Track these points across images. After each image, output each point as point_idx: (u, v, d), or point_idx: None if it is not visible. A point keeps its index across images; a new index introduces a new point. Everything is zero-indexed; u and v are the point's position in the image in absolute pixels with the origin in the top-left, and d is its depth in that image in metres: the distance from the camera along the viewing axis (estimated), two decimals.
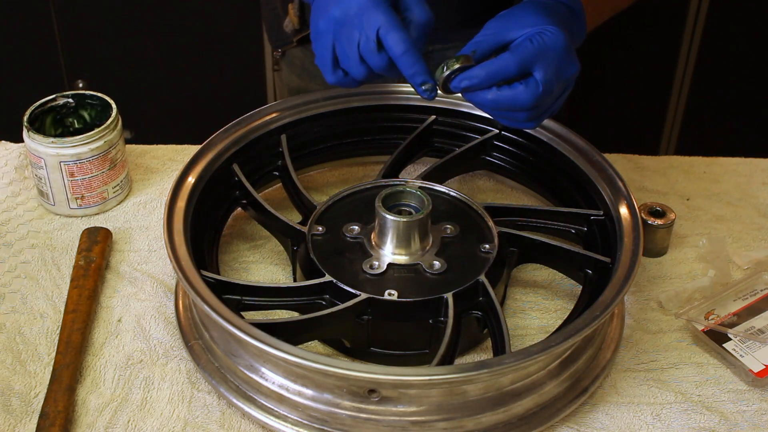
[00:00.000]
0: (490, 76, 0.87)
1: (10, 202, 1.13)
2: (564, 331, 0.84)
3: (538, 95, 0.87)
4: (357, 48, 0.90)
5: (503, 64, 0.86)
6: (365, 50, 0.89)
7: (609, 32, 1.17)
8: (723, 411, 0.89)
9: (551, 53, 0.87)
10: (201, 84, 2.23)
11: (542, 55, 0.87)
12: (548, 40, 0.87)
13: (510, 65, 0.86)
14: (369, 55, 0.89)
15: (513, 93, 0.87)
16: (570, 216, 1.03)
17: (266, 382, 0.85)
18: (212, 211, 1.03)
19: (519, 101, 0.87)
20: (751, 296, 1.00)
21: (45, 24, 2.13)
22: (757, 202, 1.17)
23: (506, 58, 0.87)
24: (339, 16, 0.90)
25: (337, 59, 0.93)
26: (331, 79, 0.94)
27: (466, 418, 0.83)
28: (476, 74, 0.87)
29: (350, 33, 0.90)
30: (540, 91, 0.87)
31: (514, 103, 0.88)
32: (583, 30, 0.98)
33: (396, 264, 0.94)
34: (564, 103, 0.93)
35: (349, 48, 0.90)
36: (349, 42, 0.90)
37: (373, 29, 0.88)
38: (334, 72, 0.94)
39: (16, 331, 0.95)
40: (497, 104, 0.88)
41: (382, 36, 0.88)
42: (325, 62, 0.93)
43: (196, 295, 0.85)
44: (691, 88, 2.22)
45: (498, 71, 0.87)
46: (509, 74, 0.87)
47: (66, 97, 1.13)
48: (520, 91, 0.87)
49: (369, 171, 1.19)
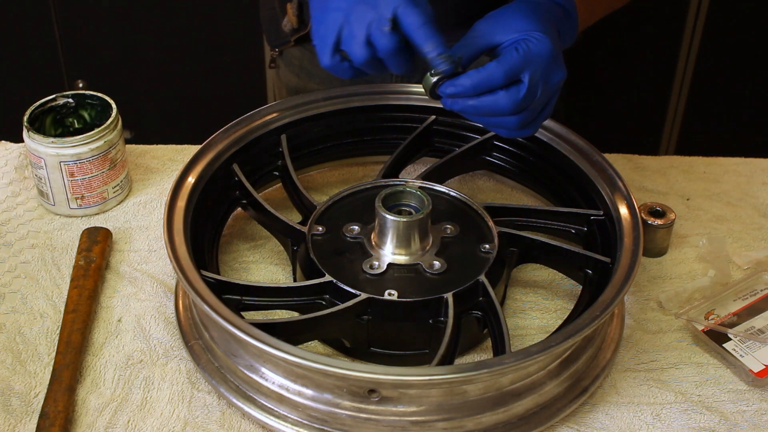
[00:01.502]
0: (476, 86, 0.87)
1: (10, 202, 1.13)
2: (564, 331, 0.84)
3: (518, 100, 0.87)
4: (366, 29, 0.88)
5: (490, 74, 0.87)
6: (376, 30, 0.87)
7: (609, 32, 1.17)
8: (723, 411, 0.89)
9: (537, 60, 0.87)
10: (201, 84, 2.23)
11: (528, 62, 0.87)
12: (534, 47, 0.87)
13: (497, 75, 0.86)
14: (378, 35, 0.87)
15: (494, 98, 0.87)
16: (570, 216, 1.03)
17: (266, 382, 0.85)
18: (212, 211, 1.03)
19: (499, 106, 0.88)
20: (751, 296, 1.00)
21: (45, 24, 2.13)
22: (757, 202, 1.17)
23: (493, 68, 0.87)
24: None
25: (339, 41, 0.91)
26: (328, 61, 0.92)
27: (466, 418, 0.83)
28: (462, 83, 0.87)
29: (364, 12, 0.88)
30: (520, 96, 0.87)
31: (495, 108, 0.88)
32: (575, 30, 0.98)
33: (396, 264, 0.94)
34: (564, 103, 0.93)
35: (358, 28, 0.88)
36: (360, 21, 0.88)
37: (389, 8, 0.86)
38: (332, 54, 0.91)
39: (16, 331, 0.95)
40: (478, 110, 0.88)
41: (400, 12, 0.86)
42: (325, 42, 0.91)
43: (196, 295, 0.85)
44: (691, 88, 2.22)
45: (484, 81, 0.87)
46: (496, 84, 0.87)
47: (66, 97, 1.13)
48: (500, 96, 0.87)
49: (369, 171, 1.19)
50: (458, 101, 0.89)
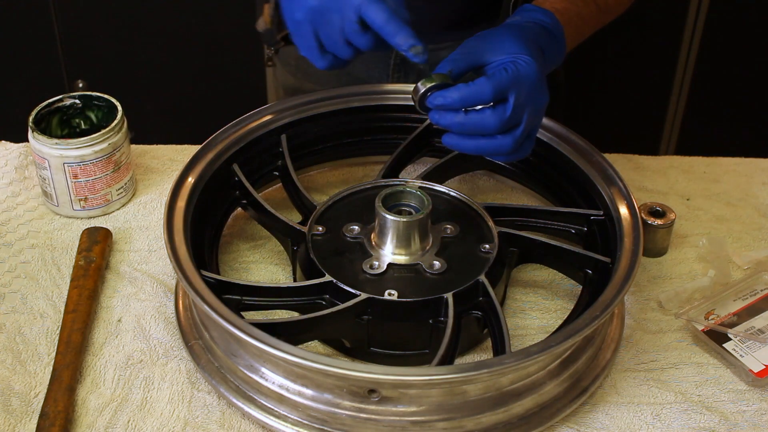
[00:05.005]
0: (464, 99, 0.88)
1: (10, 202, 1.13)
2: (564, 331, 0.84)
3: (504, 119, 0.88)
4: (340, 32, 0.89)
5: (479, 89, 0.87)
6: (349, 33, 0.89)
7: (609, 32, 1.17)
8: (723, 411, 0.90)
9: (524, 82, 0.88)
10: (201, 84, 2.23)
11: (515, 83, 0.88)
12: (522, 69, 0.88)
13: (485, 91, 0.87)
14: (354, 36, 0.89)
15: (480, 116, 0.88)
16: (570, 216, 1.03)
17: (266, 382, 0.85)
18: (212, 211, 1.03)
19: (486, 124, 0.88)
20: (751, 296, 1.00)
21: (45, 24, 2.13)
22: (757, 202, 1.17)
23: (482, 83, 0.87)
24: (316, 4, 0.90)
25: (323, 45, 0.92)
26: (322, 64, 0.94)
27: (466, 418, 0.83)
28: (451, 95, 0.88)
29: (330, 19, 0.89)
30: (506, 115, 0.88)
31: (481, 126, 0.88)
32: (562, 53, 1.00)
33: (396, 264, 0.94)
34: (564, 102, 0.93)
35: (333, 33, 0.90)
36: (330, 27, 0.89)
37: (352, 10, 0.87)
38: (323, 57, 0.93)
39: (16, 331, 0.95)
40: (464, 127, 0.89)
41: (363, 12, 0.87)
42: (311, 51, 0.93)
43: (196, 295, 0.85)
44: (691, 88, 2.22)
45: (473, 96, 0.87)
46: (484, 99, 0.87)
47: (73, 98, 1.13)
48: (487, 114, 0.88)
49: (369, 171, 1.19)
50: (445, 116, 0.89)
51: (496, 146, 0.90)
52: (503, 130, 0.89)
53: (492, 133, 0.89)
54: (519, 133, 0.90)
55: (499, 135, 0.89)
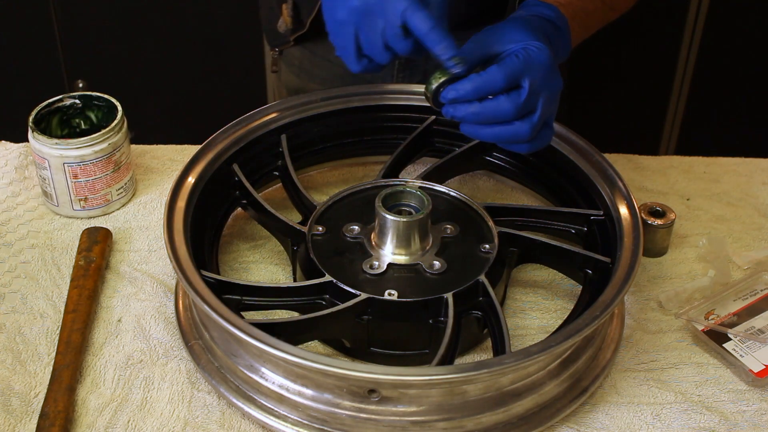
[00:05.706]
0: (477, 89, 0.87)
1: (10, 202, 1.13)
2: (564, 331, 0.84)
3: (519, 104, 0.88)
4: (381, 35, 0.89)
5: (491, 77, 0.87)
6: (391, 37, 0.89)
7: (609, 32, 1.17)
8: (723, 411, 0.89)
9: (537, 67, 0.88)
10: (201, 84, 2.23)
11: (528, 68, 0.88)
12: (533, 54, 0.88)
13: (498, 78, 0.87)
14: (394, 41, 0.89)
15: (495, 103, 0.88)
16: (570, 216, 1.03)
17: (266, 382, 0.85)
18: (212, 211, 1.03)
19: (502, 110, 0.88)
20: (751, 296, 1.00)
21: (45, 24, 2.13)
22: (757, 202, 1.17)
23: (494, 71, 0.87)
24: (359, 5, 0.90)
25: (361, 48, 0.92)
26: (357, 68, 0.94)
27: (466, 418, 0.83)
28: (463, 87, 0.88)
29: (373, 21, 0.89)
30: (521, 100, 0.87)
31: (497, 113, 0.88)
32: (568, 47, 1.00)
33: (396, 264, 0.94)
34: (564, 102, 0.93)
35: (374, 37, 0.90)
36: (372, 30, 0.90)
37: (397, 15, 0.87)
38: (359, 61, 0.93)
39: (16, 331, 0.95)
40: (480, 116, 0.89)
41: (408, 18, 0.87)
42: (348, 52, 0.93)
43: (196, 295, 0.85)
44: (691, 88, 2.22)
45: (486, 84, 0.87)
46: (497, 87, 0.87)
47: (73, 98, 1.13)
48: (502, 100, 0.88)
49: (369, 171, 1.19)
50: (459, 108, 0.89)
51: (513, 132, 0.90)
52: (519, 116, 0.89)
53: (508, 119, 0.89)
54: (536, 118, 0.89)
55: (516, 121, 0.89)
